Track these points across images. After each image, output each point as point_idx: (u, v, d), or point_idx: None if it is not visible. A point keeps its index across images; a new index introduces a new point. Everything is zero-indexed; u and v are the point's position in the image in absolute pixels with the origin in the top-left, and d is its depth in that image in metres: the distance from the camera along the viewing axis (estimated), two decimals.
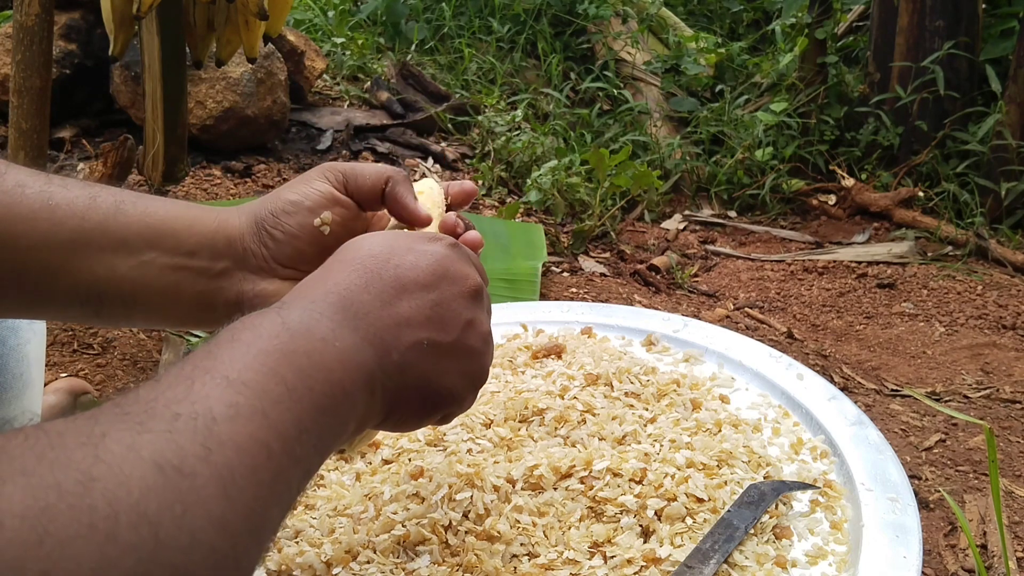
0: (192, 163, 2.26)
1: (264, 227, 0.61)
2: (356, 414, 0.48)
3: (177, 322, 0.64)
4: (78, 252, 0.57)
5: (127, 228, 0.58)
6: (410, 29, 3.53)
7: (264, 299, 0.59)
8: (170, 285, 0.59)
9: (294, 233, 0.61)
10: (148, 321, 0.63)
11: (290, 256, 0.61)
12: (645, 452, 0.75)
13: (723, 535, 0.66)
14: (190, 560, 0.34)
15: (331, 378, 0.45)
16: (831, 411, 0.85)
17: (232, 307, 0.60)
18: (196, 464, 0.36)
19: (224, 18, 1.75)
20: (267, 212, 0.61)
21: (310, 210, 0.61)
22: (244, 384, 0.40)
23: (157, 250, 0.59)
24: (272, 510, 0.39)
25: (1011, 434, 1.49)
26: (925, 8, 2.80)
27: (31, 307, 0.59)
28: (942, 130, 2.79)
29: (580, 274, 2.12)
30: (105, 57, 2.00)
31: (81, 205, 0.57)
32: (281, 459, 0.40)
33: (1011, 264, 2.44)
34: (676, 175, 2.89)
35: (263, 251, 0.61)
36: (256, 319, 0.46)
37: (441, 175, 2.65)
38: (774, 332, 1.96)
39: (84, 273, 0.57)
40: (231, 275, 0.61)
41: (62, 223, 0.56)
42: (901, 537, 0.67)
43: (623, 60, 3.39)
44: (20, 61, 1.55)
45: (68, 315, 0.61)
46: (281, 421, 0.41)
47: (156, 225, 0.59)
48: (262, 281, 0.61)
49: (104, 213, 0.58)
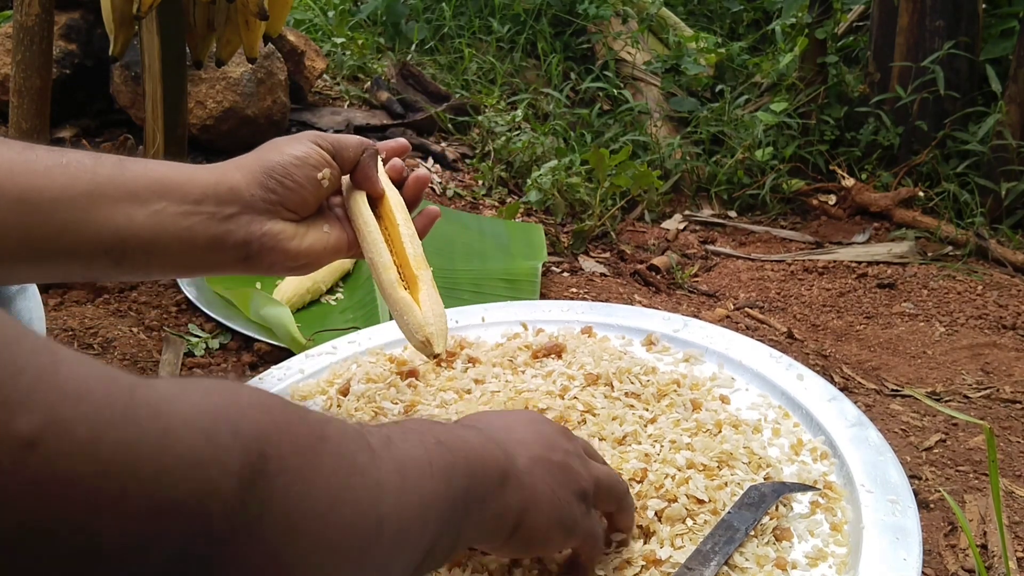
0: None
1: (273, 176, 0.70)
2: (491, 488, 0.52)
3: (193, 267, 0.70)
4: (96, 203, 0.62)
5: (134, 181, 0.64)
6: (410, 29, 3.53)
7: (270, 236, 0.69)
8: (185, 230, 0.66)
9: (301, 183, 0.71)
10: (165, 268, 0.69)
11: (295, 201, 0.71)
12: (645, 452, 0.75)
13: (723, 537, 0.66)
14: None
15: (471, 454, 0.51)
16: (831, 412, 0.85)
17: (241, 247, 0.69)
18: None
19: (224, 18, 1.75)
20: (276, 163, 0.71)
21: (313, 166, 0.72)
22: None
23: (166, 200, 0.65)
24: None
25: (1011, 434, 1.49)
26: (925, 8, 2.79)
27: (61, 262, 0.64)
28: (942, 130, 2.79)
29: (580, 274, 2.12)
30: (105, 57, 2.00)
31: (89, 162, 0.63)
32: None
33: (1011, 264, 2.44)
34: (676, 175, 2.89)
35: (271, 196, 0.70)
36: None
37: (441, 175, 2.65)
38: (774, 332, 1.96)
39: (105, 223, 0.63)
40: (238, 218, 0.68)
41: (76, 176, 0.62)
42: (901, 539, 0.67)
43: (623, 60, 3.39)
44: (20, 61, 1.55)
45: (94, 267, 0.65)
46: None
47: (159, 179, 0.66)
48: (267, 222, 0.70)
49: (111, 168, 0.64)
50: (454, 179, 2.65)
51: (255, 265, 0.71)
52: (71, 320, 1.54)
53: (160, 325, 1.59)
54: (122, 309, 1.63)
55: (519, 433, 0.58)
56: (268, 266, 0.71)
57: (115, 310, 1.62)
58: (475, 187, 2.63)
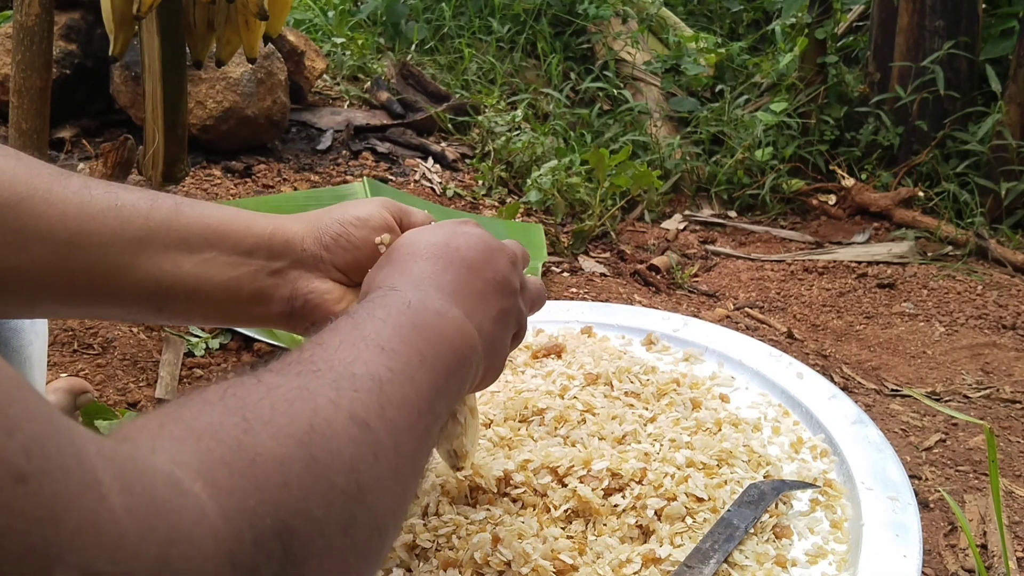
0: (192, 163, 2.26)
1: (329, 234, 0.67)
2: (470, 375, 0.55)
3: (234, 317, 0.69)
4: (145, 249, 0.61)
5: (188, 228, 0.63)
6: (410, 29, 3.53)
7: (317, 295, 0.67)
8: (231, 280, 0.64)
9: (357, 244, 0.67)
10: (207, 317, 0.67)
11: (347, 263, 0.68)
12: (645, 452, 0.75)
13: (723, 535, 0.66)
14: (379, 502, 0.41)
15: (452, 345, 0.53)
16: (831, 410, 0.85)
17: (286, 302, 0.66)
18: (376, 420, 0.42)
19: (224, 18, 1.75)
20: (334, 221, 0.68)
21: (374, 229, 0.68)
22: (393, 351, 0.47)
23: (217, 249, 0.64)
24: (422, 460, 0.48)
25: (1011, 434, 1.49)
26: (925, 8, 2.80)
27: (101, 305, 0.63)
28: (942, 130, 2.79)
29: (580, 274, 2.12)
30: (105, 57, 2.00)
31: (144, 206, 0.62)
32: (426, 416, 0.47)
33: (1011, 264, 2.44)
34: (676, 175, 2.89)
35: (324, 254, 0.67)
36: (381, 298, 0.54)
37: (441, 175, 2.65)
38: (774, 332, 1.96)
39: (151, 269, 0.61)
40: (287, 273, 0.67)
41: (129, 221, 0.60)
42: (901, 536, 0.67)
43: (623, 60, 3.39)
44: (20, 61, 1.55)
45: (133, 311, 0.64)
46: (424, 384, 0.48)
47: (215, 227, 0.64)
48: (316, 280, 0.67)
49: (166, 213, 0.62)
50: (454, 179, 2.65)
51: (298, 322, 0.68)
52: (71, 320, 1.54)
53: (160, 325, 1.59)
54: None
55: (480, 283, 0.59)
56: (310, 324, 0.68)
57: None
58: (475, 187, 2.63)
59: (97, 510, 0.28)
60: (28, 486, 0.26)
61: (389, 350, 0.47)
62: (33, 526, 0.26)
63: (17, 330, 0.77)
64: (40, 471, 0.26)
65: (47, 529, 0.26)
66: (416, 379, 0.47)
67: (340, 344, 0.47)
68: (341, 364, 0.44)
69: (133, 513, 0.29)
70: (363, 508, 0.40)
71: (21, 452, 0.26)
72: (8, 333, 0.76)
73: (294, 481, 0.36)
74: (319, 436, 0.39)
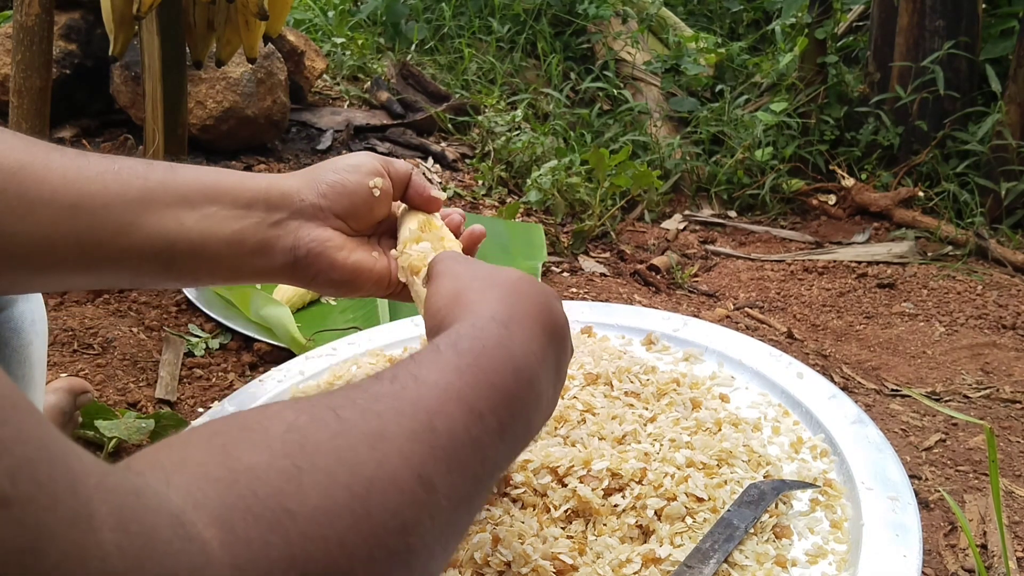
0: (192, 163, 2.26)
1: (326, 181, 0.71)
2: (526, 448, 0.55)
3: (239, 273, 0.70)
4: (147, 208, 0.63)
5: (186, 185, 0.65)
6: (410, 29, 3.53)
7: (318, 243, 0.69)
8: (234, 234, 0.66)
9: (353, 189, 0.71)
10: (213, 273, 0.69)
11: (345, 208, 0.71)
12: (645, 451, 0.75)
13: (723, 535, 0.66)
14: (422, 567, 0.39)
15: (530, 428, 0.52)
16: (831, 410, 0.85)
17: (288, 252, 0.69)
18: (441, 482, 0.41)
19: (224, 18, 1.75)
20: (328, 171, 0.72)
21: (367, 174, 0.73)
22: (480, 417, 0.46)
23: (217, 204, 0.66)
24: (465, 529, 0.47)
25: (1011, 434, 1.49)
26: (925, 8, 2.80)
27: (108, 269, 0.64)
28: (942, 130, 2.79)
29: (580, 274, 2.12)
30: (105, 57, 2.00)
31: (141, 168, 0.64)
32: (484, 490, 0.46)
33: (1011, 264, 2.44)
34: (676, 175, 2.89)
35: (322, 202, 0.70)
36: (495, 346, 0.51)
37: (441, 175, 2.65)
38: (774, 332, 1.96)
39: (155, 226, 0.63)
40: (287, 224, 0.69)
41: (128, 183, 0.62)
42: (901, 536, 0.67)
43: (623, 60, 3.39)
44: (20, 61, 1.55)
45: (142, 273, 0.65)
46: (494, 457, 0.47)
47: (210, 184, 0.66)
48: (316, 228, 0.70)
49: (162, 173, 0.65)
50: (454, 179, 2.65)
51: (301, 273, 0.70)
52: (71, 320, 1.54)
53: (160, 325, 1.58)
54: (122, 309, 1.63)
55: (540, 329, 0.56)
56: (314, 275, 0.71)
57: (115, 310, 1.62)
58: (475, 187, 2.63)
59: (84, 545, 0.26)
60: (10, 512, 0.25)
61: (476, 413, 0.45)
62: (12, 555, 0.24)
63: (17, 330, 0.77)
64: (25, 497, 0.25)
65: (27, 559, 0.25)
66: (489, 452, 0.46)
67: (434, 385, 0.44)
68: (426, 412, 0.42)
69: (124, 552, 0.28)
70: (405, 571, 0.38)
71: (6, 476, 0.25)
72: (8, 333, 0.76)
73: (334, 536, 0.34)
74: (378, 491, 0.37)
